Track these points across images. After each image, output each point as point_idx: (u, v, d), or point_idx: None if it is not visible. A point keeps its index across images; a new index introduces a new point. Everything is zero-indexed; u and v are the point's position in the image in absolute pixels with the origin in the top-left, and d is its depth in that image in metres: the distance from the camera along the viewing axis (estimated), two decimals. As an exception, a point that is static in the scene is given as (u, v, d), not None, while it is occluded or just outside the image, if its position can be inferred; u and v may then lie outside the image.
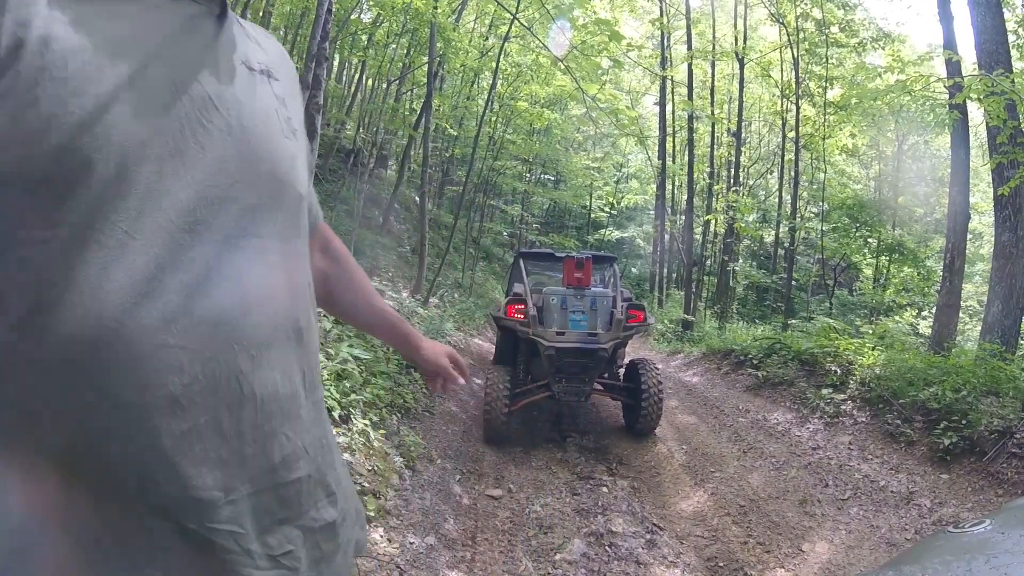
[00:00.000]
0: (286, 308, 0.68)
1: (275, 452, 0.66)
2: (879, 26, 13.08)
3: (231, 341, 0.60)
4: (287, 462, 0.68)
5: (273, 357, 0.65)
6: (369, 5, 11.98)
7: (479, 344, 9.60)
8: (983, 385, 4.74)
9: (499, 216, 22.85)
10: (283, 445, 0.67)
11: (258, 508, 0.65)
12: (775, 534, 3.59)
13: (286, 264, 0.69)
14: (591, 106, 12.60)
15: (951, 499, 3.77)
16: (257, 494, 0.65)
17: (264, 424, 0.65)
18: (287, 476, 0.68)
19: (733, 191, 15.42)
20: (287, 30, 14.02)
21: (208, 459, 0.60)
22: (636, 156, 25.92)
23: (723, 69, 18.18)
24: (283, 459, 0.67)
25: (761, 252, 20.71)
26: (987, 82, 5.79)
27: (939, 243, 15.26)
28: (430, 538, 3.17)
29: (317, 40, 4.59)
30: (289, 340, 0.68)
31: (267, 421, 0.65)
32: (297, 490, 0.70)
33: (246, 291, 0.62)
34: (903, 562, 0.58)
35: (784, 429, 5.43)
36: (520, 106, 13.88)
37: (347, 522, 0.80)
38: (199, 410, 0.59)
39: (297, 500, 0.70)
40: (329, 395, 3.51)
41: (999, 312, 6.90)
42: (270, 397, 0.65)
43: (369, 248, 10.11)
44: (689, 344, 11.17)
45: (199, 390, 0.59)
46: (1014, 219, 6.89)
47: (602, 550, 3.37)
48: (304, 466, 0.71)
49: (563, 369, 4.95)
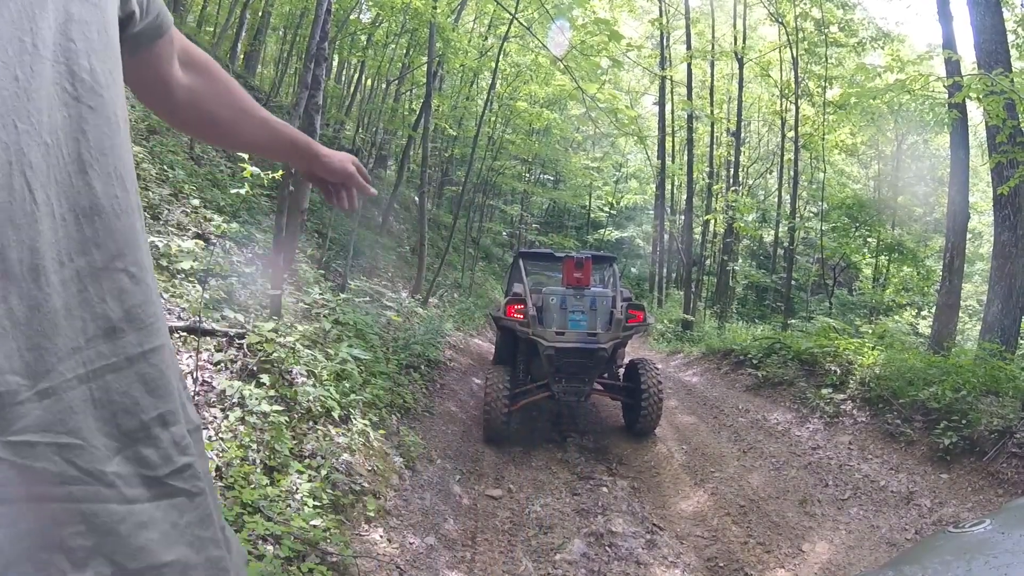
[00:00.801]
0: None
1: (109, 301, 0.44)
2: (878, 26, 13.07)
3: None
4: (136, 318, 0.46)
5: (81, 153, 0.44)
6: (368, 5, 11.98)
7: (479, 344, 9.60)
8: (983, 385, 4.74)
9: (498, 216, 22.85)
10: (124, 291, 0.46)
11: (103, 401, 0.44)
12: (775, 534, 3.59)
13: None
14: (590, 105, 12.60)
15: (951, 499, 3.77)
16: (95, 376, 0.43)
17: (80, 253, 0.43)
18: (143, 342, 0.47)
19: (732, 191, 15.43)
20: (286, 30, 14.04)
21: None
22: (635, 156, 25.93)
23: (722, 69, 18.19)
24: (128, 313, 0.46)
25: (760, 252, 20.71)
26: (986, 81, 5.79)
27: (939, 243, 15.26)
28: (430, 538, 3.17)
29: (316, 40, 4.59)
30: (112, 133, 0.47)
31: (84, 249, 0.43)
32: (165, 366, 0.49)
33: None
34: (903, 562, 0.58)
35: (784, 429, 5.43)
36: (519, 106, 13.88)
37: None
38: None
39: (170, 384, 0.50)
40: (329, 395, 3.51)
41: (999, 311, 6.90)
42: (86, 211, 0.44)
43: (368, 248, 10.11)
44: (689, 344, 11.17)
45: None
46: (1013, 218, 6.90)
47: (602, 550, 3.37)
48: (164, 330, 0.50)
49: (563, 369, 4.95)
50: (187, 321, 3.47)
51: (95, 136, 0.45)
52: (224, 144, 0.93)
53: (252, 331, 3.49)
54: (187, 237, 4.53)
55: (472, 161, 12.55)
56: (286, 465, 2.81)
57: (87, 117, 0.44)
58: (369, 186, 1.01)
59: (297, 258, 5.70)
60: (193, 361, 3.14)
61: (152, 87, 0.74)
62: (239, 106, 0.84)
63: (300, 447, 3.08)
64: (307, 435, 3.19)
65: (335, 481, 2.96)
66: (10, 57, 0.39)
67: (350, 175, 0.97)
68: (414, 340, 6.19)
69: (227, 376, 3.26)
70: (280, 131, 0.90)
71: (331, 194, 1.01)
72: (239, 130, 0.85)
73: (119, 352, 0.45)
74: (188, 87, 0.77)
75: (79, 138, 0.44)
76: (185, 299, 3.75)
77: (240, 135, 0.87)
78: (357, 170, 0.99)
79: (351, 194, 1.01)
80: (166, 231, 4.53)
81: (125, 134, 0.49)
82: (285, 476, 2.73)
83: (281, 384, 3.36)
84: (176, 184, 5.43)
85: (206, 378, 3.15)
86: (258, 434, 2.86)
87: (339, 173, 0.96)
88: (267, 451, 2.81)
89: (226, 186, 6.19)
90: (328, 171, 0.96)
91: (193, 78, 0.78)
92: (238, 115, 0.84)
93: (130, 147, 0.50)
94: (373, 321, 5.85)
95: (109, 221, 0.45)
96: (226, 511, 2.21)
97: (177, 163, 5.83)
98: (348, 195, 1.01)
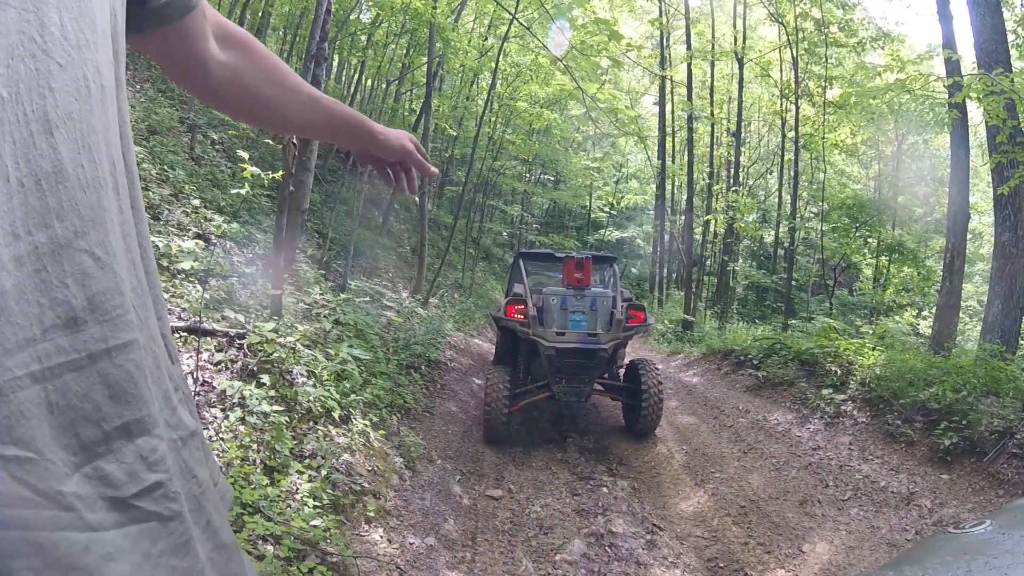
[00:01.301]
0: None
1: (71, 285, 0.38)
2: (878, 26, 13.07)
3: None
4: (100, 307, 0.40)
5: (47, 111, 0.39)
6: (368, 5, 11.98)
7: (479, 344, 9.60)
8: (983, 385, 4.73)
9: (499, 216, 22.85)
10: (88, 274, 0.39)
11: (61, 405, 0.36)
12: (775, 535, 3.59)
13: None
14: (591, 105, 12.61)
15: (951, 499, 3.76)
16: (53, 374, 0.36)
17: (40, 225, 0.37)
18: (109, 337, 0.40)
19: (733, 191, 15.42)
20: (286, 31, 14.03)
21: None
22: (636, 156, 25.94)
23: (722, 69, 18.19)
24: (91, 300, 0.39)
25: (761, 252, 20.71)
26: (986, 81, 5.79)
27: (939, 243, 15.26)
28: (430, 538, 3.17)
29: (316, 40, 4.59)
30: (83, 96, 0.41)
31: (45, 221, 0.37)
32: (135, 366, 0.42)
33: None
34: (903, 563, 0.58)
35: (784, 430, 5.43)
36: (519, 106, 13.89)
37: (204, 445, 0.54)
38: None
39: (140, 387, 0.42)
40: (329, 395, 3.51)
41: (999, 312, 6.89)
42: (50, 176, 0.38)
43: (369, 248, 10.11)
44: (689, 344, 11.17)
45: None
46: (1014, 219, 6.89)
47: (602, 550, 3.36)
48: (136, 322, 0.43)
49: (563, 369, 4.95)
50: (187, 321, 3.47)
51: (63, 96, 0.39)
52: (269, 125, 0.86)
53: (252, 331, 3.49)
54: (187, 237, 4.53)
55: (472, 161, 12.55)
56: (286, 465, 2.81)
57: (55, 73, 0.39)
58: (429, 164, 0.94)
59: (297, 258, 5.71)
60: (193, 361, 3.15)
61: (186, 64, 0.70)
62: (283, 83, 0.77)
63: (300, 447, 3.08)
64: (307, 435, 3.19)
65: (335, 481, 2.96)
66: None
67: (408, 153, 0.91)
68: (414, 340, 6.19)
69: (227, 376, 3.26)
70: (331, 109, 0.84)
71: (388, 176, 0.94)
72: (285, 109, 0.79)
73: (80, 347, 0.38)
74: (226, 63, 0.72)
75: (46, 95, 0.38)
76: (185, 299, 3.75)
77: (286, 114, 0.81)
78: (415, 148, 0.92)
79: (410, 174, 0.94)
80: (166, 231, 4.53)
81: (102, 106, 0.44)
82: (285, 476, 2.73)
83: (281, 384, 3.36)
84: (176, 184, 5.43)
85: (206, 378, 3.15)
86: (258, 434, 2.86)
87: (397, 152, 0.90)
88: (267, 451, 2.81)
89: (226, 186, 6.19)
90: (385, 150, 0.89)
91: (231, 54, 0.73)
92: (283, 93, 0.78)
93: (109, 123, 0.45)
94: (373, 321, 5.85)
95: (74, 192, 0.39)
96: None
97: (177, 163, 5.83)
98: (407, 176, 0.94)
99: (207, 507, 0.48)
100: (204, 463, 0.50)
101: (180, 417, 0.48)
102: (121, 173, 0.46)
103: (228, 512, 0.58)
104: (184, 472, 0.46)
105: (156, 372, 0.46)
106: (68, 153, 0.39)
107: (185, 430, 0.49)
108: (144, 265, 0.48)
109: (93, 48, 0.43)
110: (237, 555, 0.53)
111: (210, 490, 0.50)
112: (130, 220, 0.47)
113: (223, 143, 7.63)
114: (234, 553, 0.52)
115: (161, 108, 6.72)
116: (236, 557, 0.52)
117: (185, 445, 0.48)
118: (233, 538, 0.52)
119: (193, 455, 0.49)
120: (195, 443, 0.50)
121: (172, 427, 0.46)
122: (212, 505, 0.49)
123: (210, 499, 0.49)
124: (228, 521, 0.53)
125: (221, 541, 0.49)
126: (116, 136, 0.46)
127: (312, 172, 4.91)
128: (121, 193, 0.46)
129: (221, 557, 0.48)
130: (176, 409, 0.48)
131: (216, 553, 0.48)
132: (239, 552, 0.53)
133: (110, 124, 0.45)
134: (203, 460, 0.50)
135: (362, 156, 0.92)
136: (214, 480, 0.54)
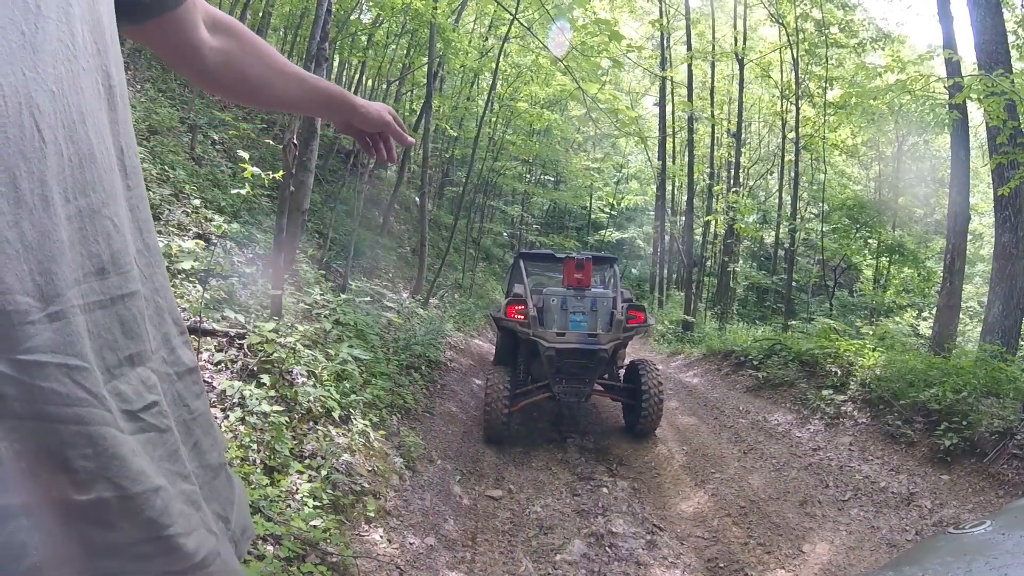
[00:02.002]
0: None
1: (100, 243, 0.48)
2: (879, 26, 13.09)
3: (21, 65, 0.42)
4: (118, 262, 0.49)
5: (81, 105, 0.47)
6: (369, 6, 11.99)
7: (479, 345, 9.60)
8: (984, 386, 4.73)
9: (499, 217, 22.85)
10: (111, 235, 0.49)
11: (95, 333, 0.46)
12: (775, 535, 3.59)
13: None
14: (591, 106, 12.62)
15: (952, 500, 3.76)
16: (90, 309, 0.45)
17: (81, 193, 0.46)
18: (123, 286, 0.50)
19: (733, 192, 15.42)
20: (286, 31, 14.05)
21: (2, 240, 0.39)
22: (636, 157, 25.94)
23: (723, 70, 18.20)
24: (113, 257, 0.49)
25: (761, 253, 20.72)
26: (987, 82, 5.79)
27: (939, 244, 15.27)
28: (430, 539, 3.17)
29: (316, 41, 4.59)
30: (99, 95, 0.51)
31: (84, 191, 0.46)
32: (139, 311, 0.51)
33: None
34: (903, 563, 0.58)
35: (784, 430, 5.43)
36: (520, 107, 13.89)
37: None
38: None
39: (141, 327, 0.51)
40: (329, 396, 3.51)
41: (999, 313, 6.89)
42: (86, 157, 0.47)
43: (369, 249, 10.11)
44: (689, 345, 11.17)
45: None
46: (1014, 220, 6.89)
47: (602, 551, 3.36)
48: (139, 279, 0.53)
49: (563, 370, 4.95)
50: (188, 321, 3.47)
51: (88, 94, 0.49)
52: (257, 103, 0.95)
53: (253, 331, 3.49)
54: (188, 237, 4.53)
55: (473, 162, 12.56)
56: (286, 465, 2.81)
57: (81, 75, 0.48)
58: (406, 134, 1.02)
59: (298, 258, 5.71)
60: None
61: (181, 52, 0.77)
62: (271, 64, 0.86)
63: (300, 447, 3.08)
64: (307, 435, 3.19)
65: (335, 481, 2.96)
66: (16, 15, 0.43)
67: (387, 124, 0.99)
68: (415, 341, 6.19)
69: (227, 376, 3.26)
70: (315, 86, 0.92)
71: (369, 146, 1.03)
72: (273, 88, 0.87)
73: (105, 291, 0.47)
74: (217, 49, 0.80)
75: (79, 92, 0.47)
76: (186, 299, 3.75)
77: (274, 93, 0.88)
78: (393, 119, 1.00)
79: (388, 144, 1.03)
80: (167, 231, 4.54)
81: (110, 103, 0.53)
82: (285, 476, 2.73)
83: (281, 384, 3.36)
84: (177, 184, 5.43)
85: (206, 378, 3.15)
86: (258, 434, 2.86)
87: (376, 123, 0.98)
88: (267, 451, 2.81)
89: (227, 186, 6.20)
90: (366, 122, 0.97)
91: (222, 40, 0.81)
92: (271, 73, 0.86)
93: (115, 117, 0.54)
94: (374, 321, 5.85)
95: (100, 172, 0.49)
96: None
97: (178, 163, 5.83)
98: (386, 146, 1.03)
99: (196, 431, 0.57)
100: (200, 396, 0.60)
101: (178, 355, 0.58)
102: (129, 158, 0.56)
103: (225, 452, 0.68)
104: (176, 400, 0.55)
105: (156, 318, 0.56)
106: (95, 140, 0.49)
107: (183, 367, 0.58)
108: (147, 235, 0.58)
109: (104, 54, 0.52)
110: (223, 474, 0.61)
111: (202, 418, 0.59)
112: (136, 197, 0.56)
113: (224, 143, 7.63)
114: (219, 472, 0.60)
115: (162, 108, 6.72)
116: (221, 476, 0.61)
117: (180, 379, 0.57)
118: (222, 461, 0.61)
119: (188, 388, 0.58)
120: (192, 378, 0.59)
121: (169, 363, 0.56)
122: (202, 430, 0.58)
123: (200, 425, 0.58)
124: (220, 451, 0.62)
125: (207, 461, 0.58)
126: (123, 128, 0.56)
127: (312, 172, 4.91)
128: (129, 175, 0.55)
129: (206, 475, 0.57)
130: (175, 349, 0.58)
131: (201, 470, 0.56)
132: (225, 472, 0.62)
133: (116, 118, 0.54)
134: (199, 393, 0.60)
135: (345, 127, 1.01)
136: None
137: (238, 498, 0.63)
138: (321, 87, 0.93)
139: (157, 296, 0.56)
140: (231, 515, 0.58)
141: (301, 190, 4.52)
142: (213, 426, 0.61)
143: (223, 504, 0.57)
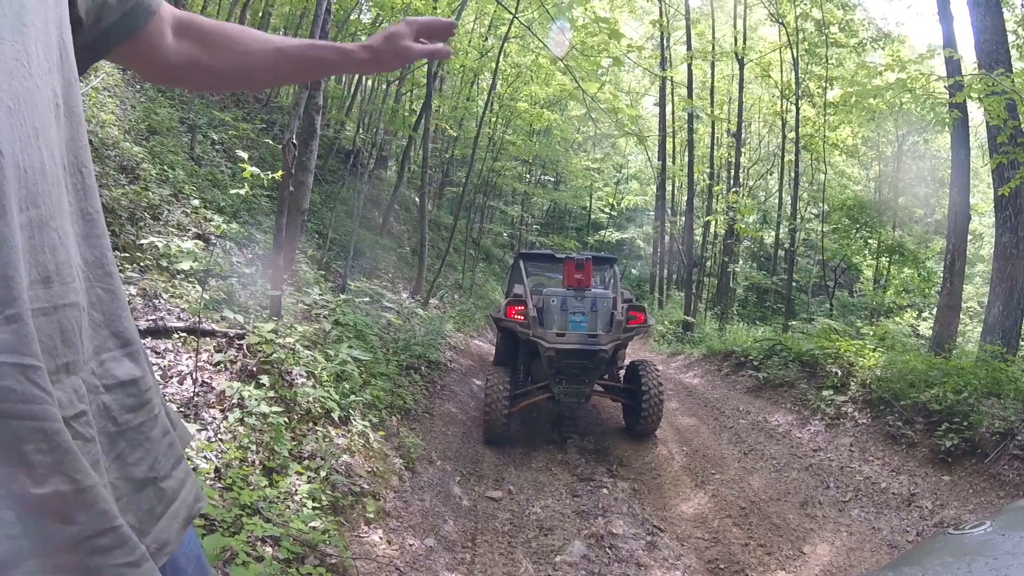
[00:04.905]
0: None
1: (47, 253, 0.50)
2: (879, 26, 13.10)
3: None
4: (61, 272, 0.51)
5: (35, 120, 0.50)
6: (368, 6, 12.00)
7: (479, 345, 9.60)
8: (984, 387, 4.72)
9: (499, 217, 22.86)
10: (56, 247, 0.51)
11: (39, 339, 0.47)
12: (776, 536, 3.58)
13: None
14: (591, 106, 12.61)
15: (952, 501, 3.76)
16: (35, 315, 0.47)
17: (33, 205, 0.48)
18: (65, 296, 0.51)
19: (733, 192, 15.42)
20: (286, 31, 14.04)
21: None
22: (636, 157, 25.94)
23: (723, 70, 18.19)
24: (57, 267, 0.51)
25: (761, 253, 20.70)
26: (987, 81, 5.79)
27: (939, 244, 15.26)
28: (430, 540, 3.16)
29: (316, 41, 4.58)
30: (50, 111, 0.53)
31: (36, 203, 0.48)
32: (76, 322, 0.53)
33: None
34: (904, 563, 0.58)
35: (785, 431, 5.42)
36: (520, 107, 13.90)
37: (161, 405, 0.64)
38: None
39: (77, 338, 0.53)
40: (328, 396, 3.51)
41: (1000, 313, 6.89)
42: (38, 170, 0.49)
43: (369, 249, 10.11)
44: (689, 345, 11.16)
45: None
46: (1014, 220, 6.89)
47: (602, 552, 3.36)
48: (79, 290, 0.54)
49: (563, 370, 4.95)
50: (187, 321, 3.47)
51: (41, 110, 0.51)
52: (244, 87, 0.93)
53: (252, 332, 3.48)
54: (187, 237, 4.52)
55: (473, 162, 12.56)
56: (285, 466, 2.81)
57: (35, 92, 0.50)
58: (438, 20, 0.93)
59: (297, 259, 5.71)
60: (193, 362, 3.14)
61: (153, 64, 0.79)
62: (241, 50, 0.84)
63: (299, 448, 3.08)
64: (306, 436, 3.19)
65: (334, 482, 2.96)
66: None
67: (397, 33, 0.89)
68: (414, 341, 6.19)
69: (227, 377, 3.26)
70: (296, 54, 0.88)
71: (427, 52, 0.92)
72: (252, 71, 0.87)
73: (50, 299, 0.50)
74: (182, 52, 0.80)
75: (34, 108, 0.50)
76: (185, 299, 3.75)
77: (255, 75, 0.88)
78: (411, 28, 0.90)
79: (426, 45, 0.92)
80: (166, 231, 4.53)
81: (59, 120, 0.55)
82: (284, 477, 2.72)
83: (281, 385, 3.36)
84: (176, 184, 5.43)
85: (205, 379, 3.14)
86: (257, 435, 2.85)
87: (403, 54, 0.89)
88: (266, 452, 2.81)
89: (226, 186, 6.19)
90: (380, 51, 0.89)
91: (185, 42, 0.81)
92: (243, 58, 0.84)
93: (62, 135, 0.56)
94: (373, 322, 5.85)
95: (48, 186, 0.51)
96: (225, 512, 2.20)
97: (177, 163, 5.83)
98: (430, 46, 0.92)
99: (120, 444, 0.58)
100: (135, 410, 0.60)
101: (107, 368, 0.59)
102: (75, 174, 0.58)
103: (185, 448, 0.69)
104: (102, 411, 0.56)
105: (90, 331, 0.57)
106: (46, 154, 0.51)
107: (112, 380, 0.59)
108: (93, 249, 0.60)
109: (54, 73, 0.54)
110: (150, 489, 0.60)
111: (131, 431, 0.59)
112: (84, 212, 0.58)
113: (223, 143, 7.63)
114: (145, 487, 0.60)
115: (161, 108, 6.72)
116: (147, 491, 0.60)
117: (109, 391, 0.58)
118: (149, 477, 0.60)
119: (119, 401, 0.59)
120: (127, 391, 0.59)
121: (97, 376, 0.57)
122: (128, 444, 0.58)
123: (128, 439, 0.59)
124: (150, 466, 0.61)
125: (130, 474, 0.58)
126: (74, 145, 0.58)
127: (312, 172, 4.91)
128: (78, 192, 0.57)
129: (127, 487, 0.57)
130: (104, 363, 0.58)
131: (122, 482, 0.57)
132: (154, 488, 0.61)
133: (63, 136, 0.56)
134: (134, 407, 0.60)
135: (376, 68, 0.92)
136: (173, 424, 0.66)
137: (171, 512, 0.62)
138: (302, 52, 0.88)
139: (93, 310, 0.58)
140: (150, 529, 0.59)
141: (300, 190, 4.52)
142: (150, 440, 0.61)
143: (141, 518, 0.58)
